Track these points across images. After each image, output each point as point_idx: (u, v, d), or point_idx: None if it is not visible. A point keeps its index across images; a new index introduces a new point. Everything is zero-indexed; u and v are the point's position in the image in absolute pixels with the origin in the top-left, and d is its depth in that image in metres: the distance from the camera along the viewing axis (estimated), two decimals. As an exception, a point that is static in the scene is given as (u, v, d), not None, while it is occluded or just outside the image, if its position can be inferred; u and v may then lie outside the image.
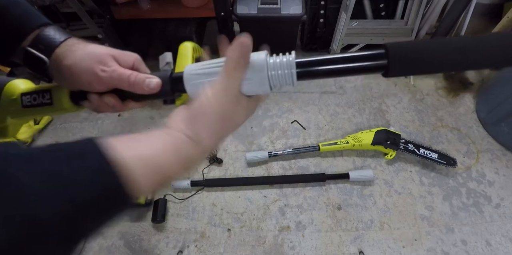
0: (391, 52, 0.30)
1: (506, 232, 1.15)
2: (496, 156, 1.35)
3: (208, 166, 1.32)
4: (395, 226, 1.17)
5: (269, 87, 0.33)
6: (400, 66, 0.30)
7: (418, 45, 0.30)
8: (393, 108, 1.53)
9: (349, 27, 1.47)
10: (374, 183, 1.27)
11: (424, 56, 0.30)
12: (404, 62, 0.30)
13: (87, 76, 0.35)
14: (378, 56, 0.31)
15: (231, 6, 1.48)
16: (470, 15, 1.67)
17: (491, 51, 0.29)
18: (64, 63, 0.36)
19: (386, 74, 0.31)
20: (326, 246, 1.12)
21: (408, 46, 0.30)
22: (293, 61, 0.31)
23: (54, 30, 0.38)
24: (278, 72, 0.31)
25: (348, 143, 1.28)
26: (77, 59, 0.35)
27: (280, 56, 0.32)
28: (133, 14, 1.49)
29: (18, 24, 0.37)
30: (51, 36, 0.37)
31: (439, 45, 0.29)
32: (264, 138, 1.42)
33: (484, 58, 0.29)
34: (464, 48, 0.29)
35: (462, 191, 1.25)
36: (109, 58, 0.36)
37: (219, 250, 1.12)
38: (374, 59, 0.31)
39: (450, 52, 0.29)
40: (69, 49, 0.36)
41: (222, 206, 1.22)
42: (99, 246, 1.13)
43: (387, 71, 0.31)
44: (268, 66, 0.32)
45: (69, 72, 0.36)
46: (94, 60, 0.35)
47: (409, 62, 0.30)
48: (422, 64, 0.30)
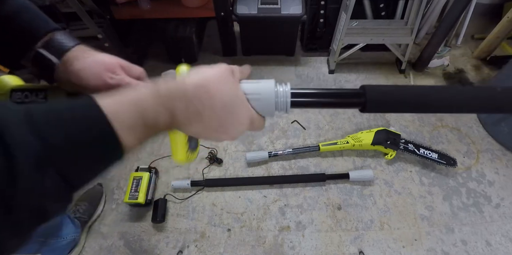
0: (368, 93, 0.35)
1: (506, 232, 1.15)
2: (496, 156, 1.35)
3: (208, 166, 1.32)
4: (395, 226, 1.17)
5: (274, 112, 0.35)
6: (374, 106, 0.36)
7: (391, 90, 0.37)
8: (393, 108, 1.52)
9: (349, 27, 1.47)
10: (374, 183, 1.27)
11: (394, 100, 0.36)
12: (377, 102, 0.36)
13: (95, 82, 0.37)
14: (358, 95, 0.36)
15: (231, 6, 1.48)
16: (470, 15, 1.67)
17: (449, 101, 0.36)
18: (74, 67, 0.37)
19: (363, 110, 0.37)
20: (326, 246, 1.12)
21: (382, 90, 0.36)
22: (289, 92, 0.35)
23: (65, 35, 0.40)
24: (280, 100, 0.35)
25: (348, 143, 1.28)
26: (87, 65, 0.37)
27: (279, 85, 0.36)
28: (133, 14, 1.49)
29: (30, 28, 0.39)
30: (63, 41, 0.39)
31: (408, 92, 0.36)
32: (264, 138, 1.42)
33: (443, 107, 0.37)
34: (428, 96, 0.36)
35: (462, 191, 1.25)
36: (117, 68, 0.38)
37: (219, 250, 1.12)
38: (355, 97, 0.36)
39: (415, 99, 0.36)
40: (80, 55, 0.38)
41: (222, 206, 1.22)
42: (99, 246, 1.13)
43: (364, 108, 0.36)
44: (277, 94, 0.35)
45: (78, 77, 0.37)
46: (103, 67, 0.37)
47: (382, 103, 0.36)
48: (392, 106, 0.37)
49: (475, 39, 1.84)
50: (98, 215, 1.19)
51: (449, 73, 1.68)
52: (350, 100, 0.37)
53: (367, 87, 0.36)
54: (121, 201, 1.22)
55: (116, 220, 1.19)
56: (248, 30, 1.60)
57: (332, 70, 1.68)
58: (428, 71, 1.69)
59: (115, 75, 0.37)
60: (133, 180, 1.18)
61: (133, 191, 1.16)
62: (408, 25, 1.51)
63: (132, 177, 1.19)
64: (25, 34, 0.38)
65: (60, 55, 0.38)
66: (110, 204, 1.23)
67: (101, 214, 1.20)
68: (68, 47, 0.38)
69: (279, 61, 1.73)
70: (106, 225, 1.18)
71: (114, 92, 0.28)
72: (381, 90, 0.37)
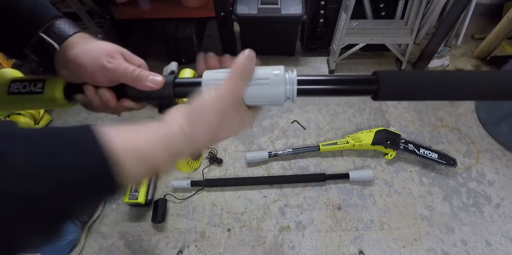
0: (382, 79, 0.33)
1: (506, 232, 1.15)
2: (496, 156, 1.35)
3: (208, 166, 1.32)
4: (395, 226, 1.17)
5: (283, 100, 0.34)
6: (387, 92, 0.34)
7: (406, 76, 0.34)
8: (393, 108, 1.53)
9: (349, 27, 1.47)
10: (374, 183, 1.27)
11: (409, 85, 0.33)
12: (391, 89, 0.34)
13: (91, 65, 0.36)
14: (370, 81, 0.34)
15: (231, 6, 1.48)
16: (470, 15, 1.67)
17: (470, 87, 0.33)
18: (72, 52, 0.37)
19: (375, 98, 0.34)
20: (326, 246, 1.12)
21: (397, 76, 0.34)
22: (295, 78, 0.33)
23: (67, 22, 0.39)
24: (287, 87, 0.33)
25: (348, 143, 1.28)
26: (86, 49, 0.37)
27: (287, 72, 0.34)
28: (133, 14, 1.49)
29: (32, 15, 0.38)
30: (65, 27, 0.38)
31: (423, 77, 0.34)
32: (264, 137, 1.42)
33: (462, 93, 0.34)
34: (446, 82, 0.33)
35: (462, 191, 1.25)
36: (117, 53, 0.38)
37: (219, 250, 1.12)
38: (366, 84, 0.34)
39: (432, 84, 0.33)
40: (81, 41, 0.38)
41: (222, 206, 1.22)
42: (99, 246, 1.13)
43: (376, 95, 0.34)
44: (286, 80, 0.33)
45: (75, 62, 0.36)
46: (102, 52, 0.36)
47: (396, 89, 0.34)
48: (407, 92, 0.34)
49: (475, 39, 1.84)
50: (98, 215, 1.19)
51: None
52: (362, 87, 0.34)
53: (380, 72, 0.34)
54: (121, 201, 1.22)
55: (116, 220, 1.19)
56: (248, 30, 1.60)
57: (332, 70, 1.68)
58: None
59: (113, 60, 0.36)
60: (133, 180, 1.18)
61: (133, 191, 1.16)
62: (408, 25, 1.51)
63: (132, 177, 1.19)
64: (27, 21, 0.38)
65: (61, 42, 0.37)
66: (110, 204, 1.23)
67: (101, 214, 1.20)
68: (69, 34, 0.38)
69: (279, 61, 1.73)
70: (106, 225, 1.18)
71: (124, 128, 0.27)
72: (396, 76, 0.34)
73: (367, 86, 0.34)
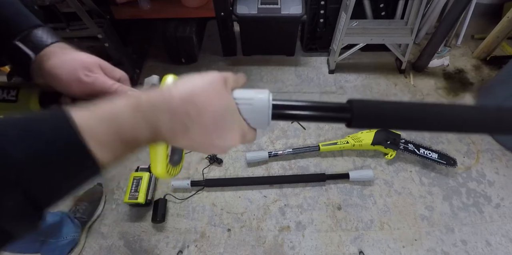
0: (355, 108, 0.33)
1: (506, 232, 1.15)
2: (496, 156, 1.35)
3: (208, 166, 1.32)
4: (395, 226, 1.17)
5: (267, 124, 0.33)
6: (361, 121, 0.34)
7: (380, 105, 0.34)
8: (393, 108, 1.52)
9: (349, 27, 1.47)
10: (374, 183, 1.27)
11: (383, 115, 0.34)
12: (364, 118, 0.34)
13: (67, 78, 0.35)
14: (344, 109, 0.34)
15: (231, 6, 1.48)
16: (470, 15, 1.67)
17: (444, 120, 0.34)
18: (48, 63, 0.36)
19: (349, 126, 0.34)
20: (326, 246, 1.12)
21: (371, 105, 0.34)
22: (271, 103, 0.32)
23: (46, 31, 0.38)
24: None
25: (348, 143, 1.28)
26: (63, 61, 0.35)
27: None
28: (133, 14, 1.49)
29: (11, 23, 0.37)
30: (42, 36, 0.37)
31: (397, 107, 0.34)
32: (264, 138, 1.42)
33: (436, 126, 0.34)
34: (420, 114, 0.33)
35: (462, 191, 1.25)
36: (95, 67, 0.36)
37: (219, 250, 1.12)
38: (340, 112, 0.34)
39: (406, 115, 0.34)
40: (58, 51, 0.37)
41: (222, 206, 1.22)
42: (99, 246, 1.13)
43: (350, 123, 0.34)
44: (270, 104, 0.32)
45: (50, 74, 0.35)
46: (80, 65, 0.35)
47: (369, 118, 0.34)
48: (381, 121, 0.35)
49: (475, 39, 1.84)
50: (98, 215, 1.19)
51: (449, 73, 1.68)
52: (336, 114, 0.35)
53: (354, 101, 0.34)
54: (121, 201, 1.22)
55: (116, 220, 1.19)
56: (248, 30, 1.60)
57: (332, 70, 1.68)
58: (428, 71, 1.69)
59: (91, 74, 0.35)
60: (133, 180, 1.18)
61: (133, 191, 1.16)
62: (408, 25, 1.51)
63: (132, 177, 1.19)
64: (4, 30, 0.37)
65: (37, 51, 0.36)
66: (110, 204, 1.23)
67: (101, 214, 1.20)
68: (47, 44, 0.37)
69: (279, 61, 1.73)
70: (106, 225, 1.18)
71: (90, 104, 0.26)
72: (369, 105, 0.34)
73: (340, 114, 0.34)
